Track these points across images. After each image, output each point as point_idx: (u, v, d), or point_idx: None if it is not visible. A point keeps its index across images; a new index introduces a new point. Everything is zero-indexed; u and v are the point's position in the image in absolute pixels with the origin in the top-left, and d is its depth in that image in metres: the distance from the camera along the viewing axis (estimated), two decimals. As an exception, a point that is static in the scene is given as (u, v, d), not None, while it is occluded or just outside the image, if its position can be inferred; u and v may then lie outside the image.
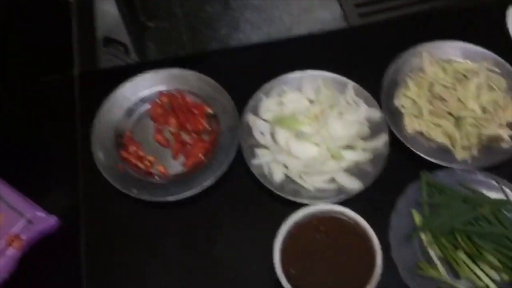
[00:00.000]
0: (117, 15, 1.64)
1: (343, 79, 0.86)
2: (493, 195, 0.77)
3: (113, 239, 0.80)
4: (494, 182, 0.78)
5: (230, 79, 0.90)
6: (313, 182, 0.79)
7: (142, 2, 1.99)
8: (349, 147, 0.81)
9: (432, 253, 0.74)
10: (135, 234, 0.80)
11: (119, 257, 0.78)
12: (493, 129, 0.81)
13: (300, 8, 2.17)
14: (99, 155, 0.81)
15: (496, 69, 0.86)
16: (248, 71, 0.93)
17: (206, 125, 0.85)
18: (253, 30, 2.08)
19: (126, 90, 0.87)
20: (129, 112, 0.87)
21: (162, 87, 0.88)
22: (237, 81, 0.90)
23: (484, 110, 0.82)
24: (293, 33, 2.15)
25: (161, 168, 0.82)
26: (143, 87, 0.88)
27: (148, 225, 0.80)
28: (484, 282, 0.72)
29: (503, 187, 0.77)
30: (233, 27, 2.13)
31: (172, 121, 0.85)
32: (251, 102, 0.85)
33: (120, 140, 0.85)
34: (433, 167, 0.79)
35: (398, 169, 0.81)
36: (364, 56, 0.94)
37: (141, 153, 0.83)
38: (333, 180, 0.80)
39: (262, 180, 0.79)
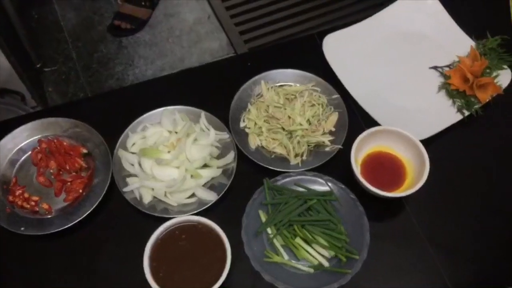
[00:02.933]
0: (9, 65, 1.72)
1: (197, 110, 1.03)
2: (321, 189, 0.96)
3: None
4: (320, 179, 0.97)
5: (103, 120, 1.04)
6: (176, 199, 0.95)
7: (35, 49, 2.07)
8: (206, 165, 0.98)
9: (276, 243, 0.92)
10: (25, 267, 0.92)
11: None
12: (317, 138, 1.00)
13: (190, 40, 2.35)
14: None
15: (318, 88, 1.07)
16: (119, 111, 1.08)
17: (82, 163, 0.99)
18: (147, 65, 2.24)
19: (6, 142, 0.98)
20: (12, 161, 0.99)
21: (40, 135, 1.01)
22: (110, 121, 1.05)
23: (309, 122, 1.02)
24: (185, 63, 2.34)
25: (45, 206, 0.95)
26: (23, 137, 1.00)
27: (38, 257, 0.92)
28: (317, 260, 0.90)
29: (327, 182, 0.97)
30: (128, 64, 2.27)
31: (52, 163, 0.98)
32: (120, 139, 1.00)
33: (6, 187, 0.96)
34: (274, 173, 0.98)
35: (246, 179, 0.99)
36: (215, 88, 1.12)
37: (26, 195, 0.95)
38: (193, 195, 0.96)
39: (134, 204, 0.94)
